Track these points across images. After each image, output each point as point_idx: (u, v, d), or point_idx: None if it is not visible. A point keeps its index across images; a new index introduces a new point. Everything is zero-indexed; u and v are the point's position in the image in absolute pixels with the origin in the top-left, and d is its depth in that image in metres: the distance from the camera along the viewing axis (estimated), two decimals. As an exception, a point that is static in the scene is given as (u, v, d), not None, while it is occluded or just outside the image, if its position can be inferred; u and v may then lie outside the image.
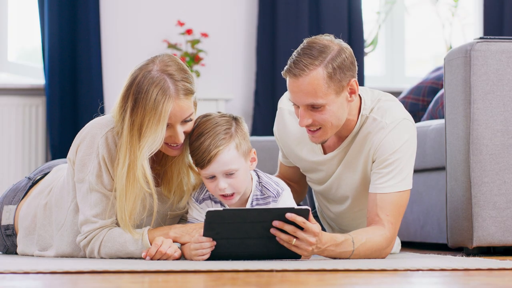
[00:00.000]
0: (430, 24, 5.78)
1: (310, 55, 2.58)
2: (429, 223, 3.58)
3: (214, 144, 2.52)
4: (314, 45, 2.61)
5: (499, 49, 3.07)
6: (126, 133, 2.52)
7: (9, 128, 5.05)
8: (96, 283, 1.87)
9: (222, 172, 2.53)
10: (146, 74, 2.51)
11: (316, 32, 5.28)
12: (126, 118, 2.51)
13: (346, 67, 2.61)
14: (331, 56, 2.59)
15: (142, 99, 2.49)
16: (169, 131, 2.53)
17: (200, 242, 2.44)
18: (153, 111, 2.48)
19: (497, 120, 3.04)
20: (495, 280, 1.99)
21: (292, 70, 2.59)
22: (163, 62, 2.53)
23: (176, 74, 2.52)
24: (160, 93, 2.48)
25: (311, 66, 2.57)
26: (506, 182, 3.04)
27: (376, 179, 2.69)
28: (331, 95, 2.60)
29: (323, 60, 2.58)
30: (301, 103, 2.61)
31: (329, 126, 2.65)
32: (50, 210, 2.74)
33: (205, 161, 2.52)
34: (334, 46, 2.61)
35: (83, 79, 5.05)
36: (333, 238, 2.52)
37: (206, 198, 2.66)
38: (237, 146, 2.55)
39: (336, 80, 2.59)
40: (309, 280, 1.97)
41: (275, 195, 2.63)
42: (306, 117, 2.62)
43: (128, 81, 2.54)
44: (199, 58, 5.15)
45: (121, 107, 2.54)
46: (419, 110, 4.24)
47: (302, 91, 2.58)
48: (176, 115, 2.51)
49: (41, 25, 5.04)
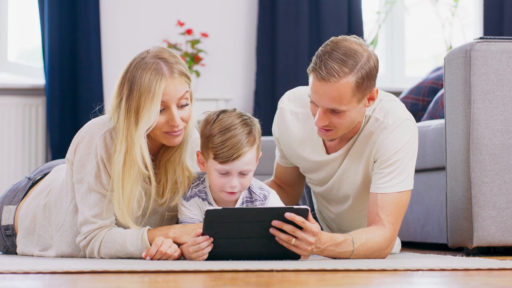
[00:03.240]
0: (430, 24, 5.78)
1: (341, 60, 2.54)
2: (429, 223, 3.58)
3: (243, 143, 2.51)
4: (345, 50, 2.56)
5: (499, 49, 3.06)
6: (123, 118, 2.53)
7: (9, 128, 5.05)
8: (96, 283, 1.87)
9: (240, 170, 2.53)
10: (140, 61, 2.56)
11: (316, 32, 5.29)
12: (122, 105, 2.53)
13: (372, 76, 2.60)
14: (361, 63, 2.56)
15: (137, 83, 2.52)
16: (166, 115, 2.53)
17: (197, 243, 2.43)
18: (147, 91, 2.50)
19: (497, 120, 3.04)
20: (495, 280, 1.99)
21: (321, 72, 2.55)
22: (156, 50, 2.58)
23: (170, 59, 2.55)
24: (153, 73, 2.51)
25: (341, 73, 2.54)
26: (506, 182, 3.04)
27: (377, 179, 2.69)
28: (354, 103, 2.59)
29: (353, 67, 2.55)
30: (322, 106, 2.60)
31: (343, 128, 2.65)
32: (50, 210, 2.74)
33: (230, 158, 2.51)
34: (364, 52, 2.59)
35: (83, 79, 5.05)
36: (332, 238, 2.52)
37: (193, 196, 2.64)
38: (257, 147, 2.57)
39: (362, 89, 2.58)
40: (309, 280, 1.97)
41: (262, 199, 2.63)
42: (324, 119, 2.61)
43: (123, 71, 2.59)
44: (199, 58, 5.15)
45: (117, 96, 2.57)
46: (419, 110, 4.24)
47: (328, 95, 2.56)
48: (171, 93, 2.51)
49: (41, 25, 5.04)
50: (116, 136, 2.56)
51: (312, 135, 2.82)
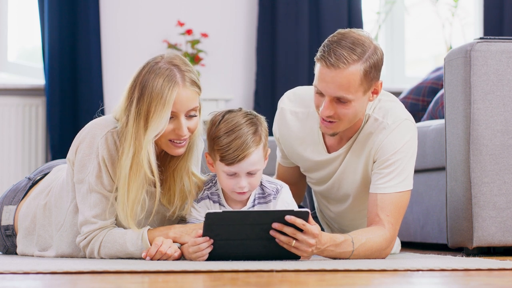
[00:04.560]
0: (430, 24, 5.78)
1: (350, 48, 2.55)
2: (429, 223, 3.58)
3: (248, 143, 2.50)
4: (353, 39, 2.57)
5: (499, 49, 3.06)
6: (132, 122, 2.52)
7: (9, 128, 5.05)
8: (96, 283, 1.87)
9: (248, 171, 2.53)
10: (153, 65, 2.54)
11: (316, 32, 5.29)
12: (132, 108, 2.52)
13: (379, 67, 2.60)
14: (369, 53, 2.57)
15: (148, 87, 2.50)
16: (173, 123, 2.53)
17: (197, 243, 2.43)
18: (159, 97, 2.49)
19: (497, 120, 3.04)
20: (495, 280, 1.99)
21: (330, 59, 2.55)
22: (170, 57, 2.57)
23: (183, 66, 2.54)
24: (166, 80, 2.50)
25: (350, 60, 2.54)
26: (506, 182, 3.04)
27: (377, 179, 2.69)
28: (360, 93, 2.59)
29: (362, 55, 2.56)
30: (329, 94, 2.58)
31: (347, 120, 2.64)
32: (50, 210, 2.74)
33: (236, 159, 2.51)
34: (371, 43, 2.59)
35: (83, 79, 5.05)
36: (332, 239, 2.51)
37: (205, 198, 2.65)
38: (264, 146, 2.56)
39: (369, 79, 2.58)
40: (309, 280, 1.97)
41: (274, 193, 2.63)
42: (330, 109, 2.60)
43: (135, 74, 2.56)
44: (199, 58, 5.15)
45: (127, 98, 2.55)
46: (419, 110, 4.24)
47: (336, 82, 2.55)
48: (182, 103, 2.51)
49: (41, 25, 5.04)
50: (123, 139, 2.55)
51: (313, 134, 2.82)
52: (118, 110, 2.60)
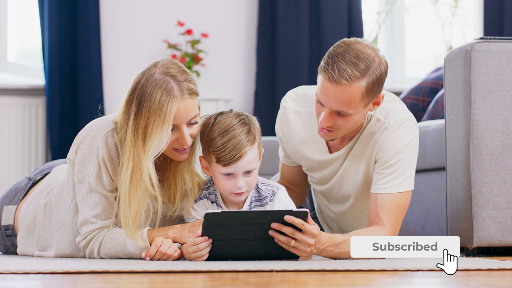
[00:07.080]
0: (430, 24, 5.78)
1: (354, 64, 2.53)
2: (429, 223, 3.58)
3: (243, 143, 2.51)
4: (358, 53, 2.55)
5: (499, 50, 3.06)
6: (130, 137, 2.51)
7: (9, 128, 5.05)
8: (96, 283, 1.87)
9: (244, 170, 2.53)
10: (149, 78, 2.51)
11: (316, 32, 5.29)
12: (130, 122, 2.50)
13: (382, 81, 2.59)
14: (373, 68, 2.56)
15: (146, 101, 2.48)
16: (175, 134, 2.53)
17: (196, 243, 2.44)
18: (157, 112, 2.47)
19: (497, 120, 3.04)
20: (495, 280, 1.99)
21: (333, 74, 2.54)
22: (165, 65, 2.54)
23: (179, 75, 2.52)
24: (164, 94, 2.48)
25: (353, 77, 2.53)
26: (506, 182, 3.04)
27: (378, 179, 2.69)
28: (361, 107, 2.59)
29: (365, 71, 2.54)
30: (329, 107, 2.59)
31: (345, 130, 2.65)
32: (50, 210, 2.74)
33: (233, 159, 2.51)
34: (375, 57, 2.58)
35: (83, 79, 5.05)
36: (332, 239, 2.51)
37: (203, 197, 2.65)
38: (258, 145, 2.56)
39: (371, 95, 2.58)
40: (309, 280, 1.97)
41: (270, 195, 2.63)
42: (329, 120, 2.61)
43: (131, 86, 2.54)
44: (199, 58, 5.15)
45: (125, 112, 2.54)
46: (419, 111, 4.25)
47: (337, 98, 2.56)
48: (182, 115, 2.51)
49: (41, 25, 5.04)
50: (122, 152, 2.54)
51: (315, 134, 2.82)
52: (118, 117, 2.59)
